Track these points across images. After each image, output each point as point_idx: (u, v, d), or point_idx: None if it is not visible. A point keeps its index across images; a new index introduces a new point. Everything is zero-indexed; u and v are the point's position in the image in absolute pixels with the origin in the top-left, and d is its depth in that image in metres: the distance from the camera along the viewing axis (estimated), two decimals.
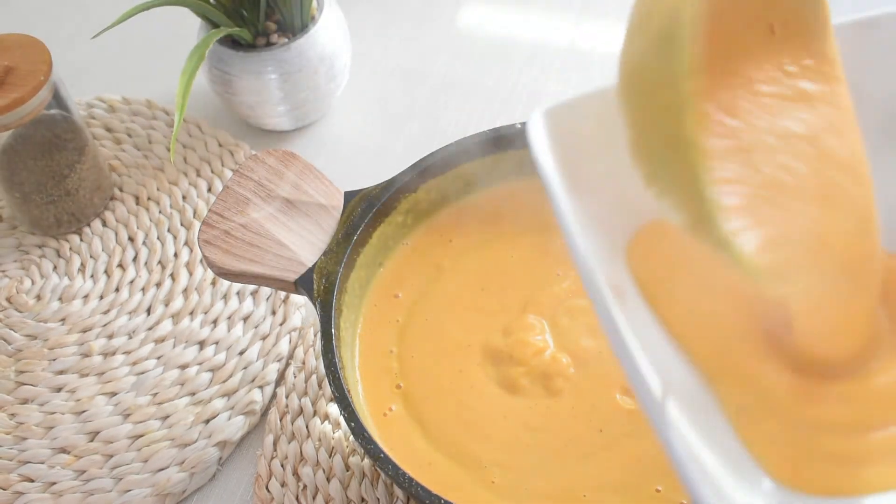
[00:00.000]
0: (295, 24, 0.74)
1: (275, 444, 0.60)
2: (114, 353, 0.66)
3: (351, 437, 0.60)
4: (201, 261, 0.70)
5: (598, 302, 0.31)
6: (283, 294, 0.68)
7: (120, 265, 0.71)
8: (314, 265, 0.56)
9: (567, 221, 0.30)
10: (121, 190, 0.76)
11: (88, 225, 0.74)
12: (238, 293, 0.68)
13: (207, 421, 0.62)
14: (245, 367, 0.64)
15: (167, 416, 0.62)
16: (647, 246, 0.36)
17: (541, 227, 0.59)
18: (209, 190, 0.75)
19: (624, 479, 0.50)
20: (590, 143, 0.33)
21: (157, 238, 0.72)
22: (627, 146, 0.32)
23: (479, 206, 0.62)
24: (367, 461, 0.59)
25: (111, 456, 0.61)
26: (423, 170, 0.60)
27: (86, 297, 0.69)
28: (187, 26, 0.82)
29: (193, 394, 0.63)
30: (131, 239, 0.73)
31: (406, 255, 0.61)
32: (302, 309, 0.68)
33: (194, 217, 0.73)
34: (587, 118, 0.33)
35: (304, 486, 0.58)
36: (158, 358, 0.65)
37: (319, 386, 0.62)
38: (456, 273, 0.59)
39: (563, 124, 0.32)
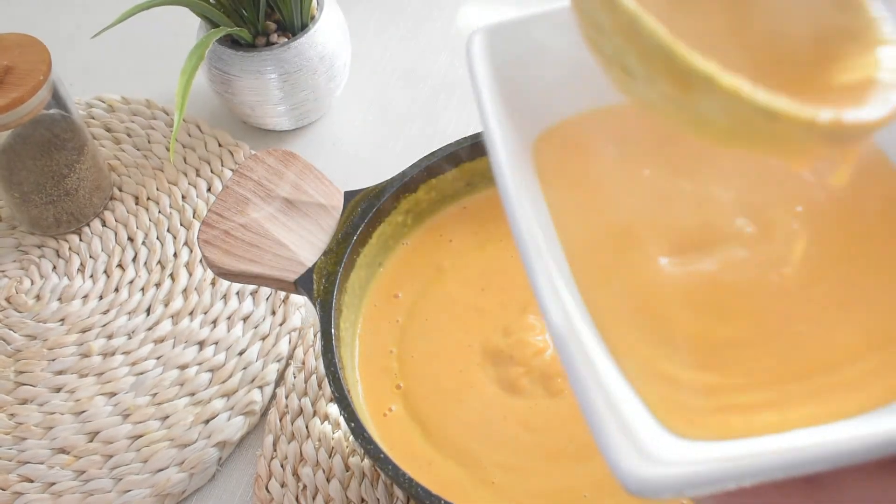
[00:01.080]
0: (295, 23, 0.74)
1: (275, 444, 0.60)
2: (113, 354, 0.66)
3: (351, 438, 0.60)
4: (201, 261, 0.70)
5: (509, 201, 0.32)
6: (282, 294, 0.68)
7: (119, 265, 0.71)
8: (314, 265, 0.55)
9: (485, 111, 0.33)
10: (120, 190, 0.76)
11: (88, 225, 0.74)
12: (238, 293, 0.68)
13: (207, 421, 0.62)
14: (245, 368, 0.64)
15: (167, 417, 0.62)
16: (554, 145, 0.38)
17: None
18: (209, 190, 0.75)
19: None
20: (524, 54, 0.36)
21: (157, 238, 0.72)
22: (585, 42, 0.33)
23: (480, 206, 0.62)
24: (367, 461, 0.59)
25: (111, 456, 0.61)
26: (423, 170, 0.60)
27: (85, 297, 0.69)
28: (187, 26, 0.82)
29: (193, 394, 0.63)
30: (131, 239, 0.72)
31: (406, 255, 0.60)
32: (302, 309, 0.68)
33: (194, 217, 0.73)
34: (525, 36, 0.36)
35: (304, 487, 0.58)
36: (158, 358, 0.65)
37: (319, 386, 0.62)
38: (456, 273, 0.59)
39: (502, 41, 0.35)
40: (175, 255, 0.71)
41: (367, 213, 0.58)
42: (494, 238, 0.61)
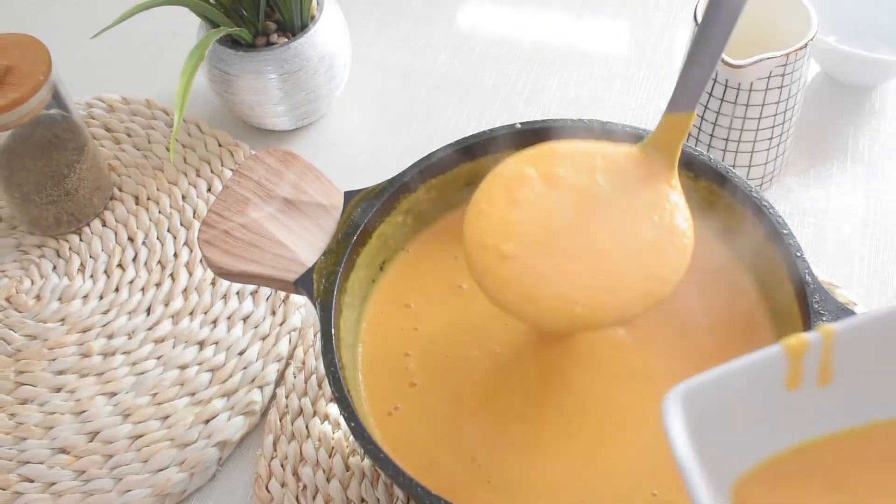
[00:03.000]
0: (295, 23, 0.74)
1: (275, 444, 0.60)
2: (113, 354, 0.66)
3: (351, 438, 0.60)
4: (201, 261, 0.70)
5: None
6: (282, 294, 0.68)
7: (119, 265, 0.71)
8: (314, 265, 0.55)
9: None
10: (120, 190, 0.76)
11: (88, 225, 0.74)
12: (238, 293, 0.68)
13: (207, 421, 0.62)
14: (245, 368, 0.64)
15: (167, 417, 0.62)
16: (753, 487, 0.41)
17: None
18: (209, 190, 0.75)
19: (621, 483, 0.50)
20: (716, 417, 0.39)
21: (157, 238, 0.72)
22: None
23: None
24: (367, 461, 0.59)
25: (111, 456, 0.61)
26: (423, 170, 0.60)
27: (85, 297, 0.69)
28: (187, 26, 0.82)
29: (193, 394, 0.63)
30: (131, 239, 0.72)
31: (410, 263, 0.60)
32: (302, 309, 0.68)
33: (194, 217, 0.73)
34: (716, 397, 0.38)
35: (304, 487, 0.58)
36: (158, 358, 0.65)
37: (319, 386, 0.62)
38: (469, 280, 0.59)
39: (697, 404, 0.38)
40: (175, 255, 0.71)
41: (367, 213, 0.58)
42: None
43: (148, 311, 0.68)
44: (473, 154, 0.60)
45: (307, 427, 0.61)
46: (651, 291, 0.48)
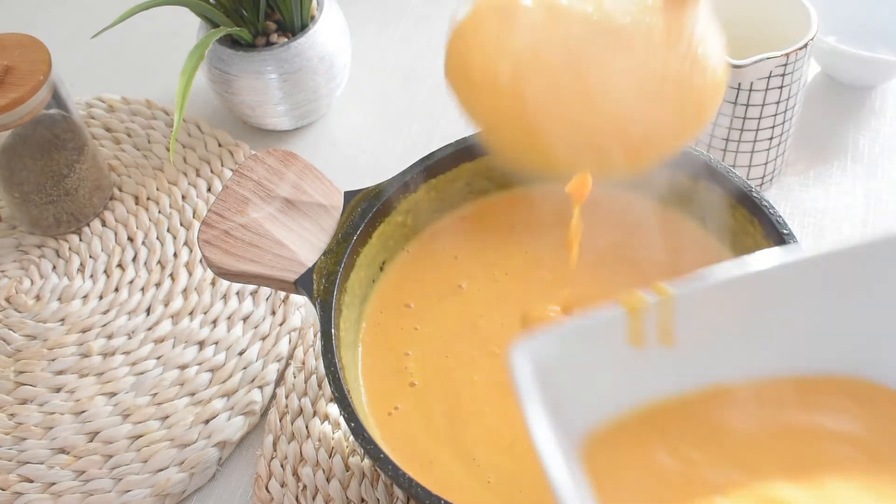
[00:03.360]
0: (295, 23, 0.74)
1: (274, 444, 0.60)
2: (113, 354, 0.66)
3: (351, 438, 0.60)
4: (201, 261, 0.70)
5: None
6: (282, 294, 0.68)
7: (119, 265, 0.71)
8: (314, 265, 0.55)
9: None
10: (120, 190, 0.76)
11: (88, 225, 0.74)
12: (238, 293, 0.68)
13: (207, 421, 0.62)
14: (245, 368, 0.64)
15: (167, 417, 0.62)
16: (600, 442, 0.42)
17: (536, 232, 0.60)
18: (209, 190, 0.75)
19: None
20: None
21: (157, 238, 0.72)
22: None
23: (480, 215, 0.62)
24: (367, 461, 0.59)
25: (111, 456, 0.61)
26: (423, 170, 0.60)
27: (85, 297, 0.69)
28: (187, 26, 0.82)
29: (193, 394, 0.63)
30: (131, 239, 0.72)
31: (410, 264, 0.60)
32: (302, 309, 0.67)
33: (194, 217, 0.73)
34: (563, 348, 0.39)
35: (304, 487, 0.58)
36: (158, 358, 0.65)
37: (319, 386, 0.62)
38: (474, 290, 0.59)
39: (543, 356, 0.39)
40: (175, 255, 0.71)
41: (367, 213, 0.58)
42: (503, 256, 0.61)
43: (148, 311, 0.68)
44: (473, 154, 0.60)
45: (307, 427, 0.61)
46: (678, 129, 0.42)
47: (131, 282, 0.70)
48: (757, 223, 0.55)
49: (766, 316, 0.41)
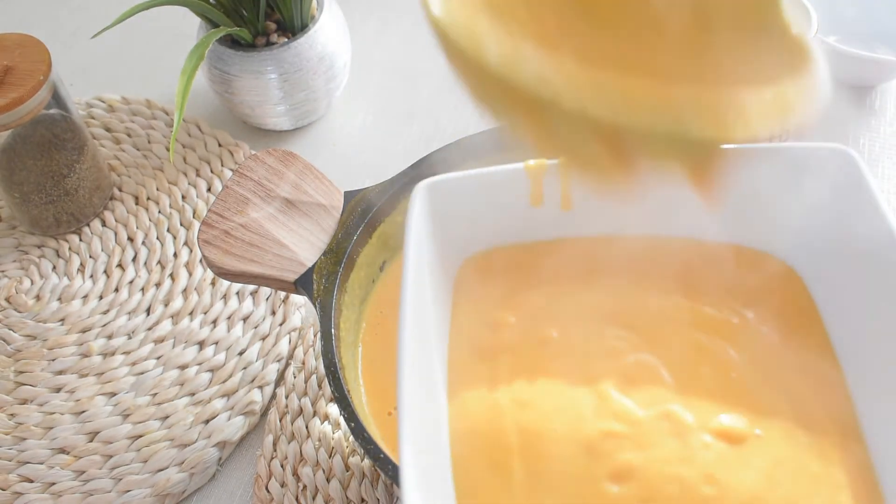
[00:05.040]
0: (295, 23, 0.74)
1: (274, 444, 0.60)
2: (113, 354, 0.66)
3: (351, 438, 0.60)
4: (201, 261, 0.70)
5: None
6: (283, 294, 0.68)
7: (119, 265, 0.71)
8: (314, 265, 0.55)
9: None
10: (120, 190, 0.76)
11: (88, 225, 0.74)
12: (238, 293, 0.68)
13: (207, 421, 0.62)
14: (245, 368, 0.64)
15: (167, 417, 0.62)
16: (472, 270, 0.48)
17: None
18: (209, 190, 0.75)
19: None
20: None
21: (157, 238, 0.72)
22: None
23: None
24: (367, 461, 0.59)
25: (111, 456, 0.61)
26: (424, 170, 0.60)
27: (85, 297, 0.69)
28: (187, 26, 0.82)
29: (193, 394, 0.63)
30: (131, 239, 0.72)
31: None
32: (302, 309, 0.67)
33: (194, 217, 0.73)
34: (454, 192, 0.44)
35: (304, 487, 0.58)
36: (158, 358, 0.65)
37: (319, 386, 0.62)
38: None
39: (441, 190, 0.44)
40: (175, 255, 0.71)
41: (367, 213, 0.58)
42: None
43: (148, 311, 0.68)
44: (473, 154, 0.60)
45: (307, 427, 0.61)
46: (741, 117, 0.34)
47: (131, 282, 0.70)
48: None
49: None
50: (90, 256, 0.72)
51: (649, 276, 0.46)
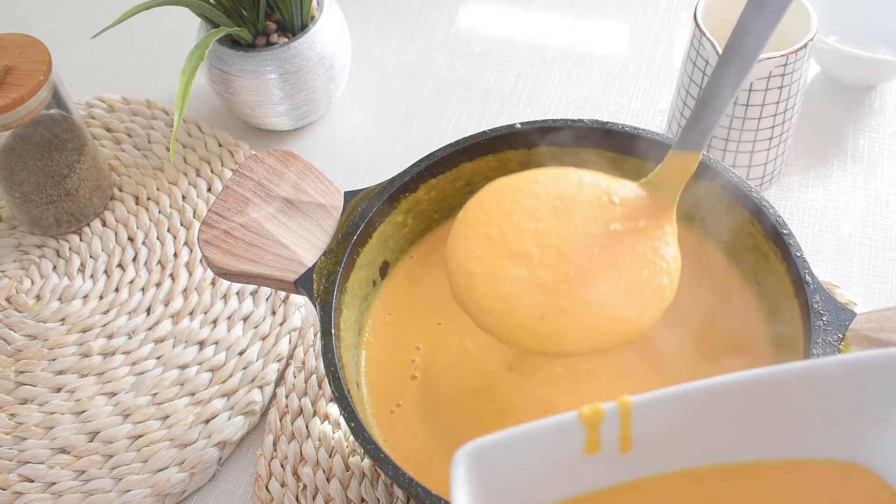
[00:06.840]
0: (295, 23, 0.74)
1: (275, 444, 0.60)
2: (113, 354, 0.66)
3: (351, 438, 0.60)
4: (201, 261, 0.70)
5: None
6: (283, 294, 0.68)
7: (119, 265, 0.71)
8: (314, 265, 0.55)
9: None
10: (120, 190, 0.76)
11: (88, 225, 0.74)
12: (238, 293, 0.68)
13: (207, 421, 0.62)
14: (245, 368, 0.64)
15: (167, 417, 0.62)
16: None
17: None
18: (209, 190, 0.75)
19: None
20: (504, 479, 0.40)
21: (157, 238, 0.72)
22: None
23: None
24: (367, 461, 0.59)
25: (111, 456, 0.61)
26: (423, 170, 0.60)
27: (85, 297, 0.69)
28: (187, 26, 0.82)
29: (193, 394, 0.63)
30: (131, 239, 0.72)
31: (415, 270, 0.61)
32: (302, 309, 0.68)
33: (194, 217, 0.73)
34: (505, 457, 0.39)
35: (304, 487, 0.58)
36: (158, 358, 0.65)
37: (319, 386, 0.62)
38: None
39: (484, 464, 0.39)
40: (175, 255, 0.71)
41: (367, 213, 0.58)
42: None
43: (148, 311, 0.68)
44: (473, 154, 0.60)
45: (307, 427, 0.61)
46: (622, 330, 0.47)
47: (131, 282, 0.70)
48: (757, 223, 0.55)
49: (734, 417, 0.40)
50: (90, 256, 0.72)
51: None
